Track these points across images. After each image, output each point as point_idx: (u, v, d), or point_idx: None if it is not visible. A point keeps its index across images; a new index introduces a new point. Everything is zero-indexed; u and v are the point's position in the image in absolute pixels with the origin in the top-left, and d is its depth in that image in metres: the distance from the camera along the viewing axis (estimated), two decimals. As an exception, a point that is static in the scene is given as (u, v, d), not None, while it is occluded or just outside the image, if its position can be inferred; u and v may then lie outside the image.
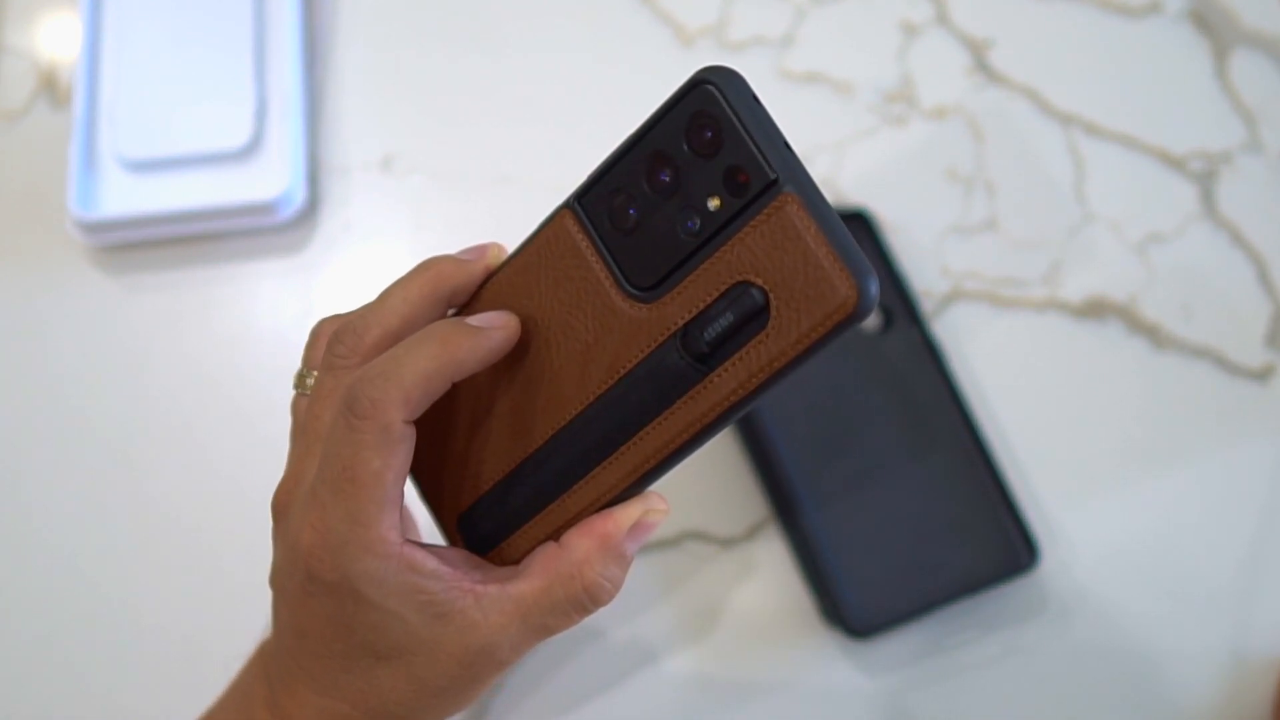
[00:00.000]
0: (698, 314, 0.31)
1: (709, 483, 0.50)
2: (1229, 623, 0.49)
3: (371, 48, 0.56)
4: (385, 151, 0.55)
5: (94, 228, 0.51)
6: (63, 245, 0.53)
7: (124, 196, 0.52)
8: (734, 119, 0.30)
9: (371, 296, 0.53)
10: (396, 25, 0.57)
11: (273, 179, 0.53)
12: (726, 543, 0.49)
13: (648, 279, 0.31)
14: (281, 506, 0.34)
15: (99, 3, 0.55)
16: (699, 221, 0.31)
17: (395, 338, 0.33)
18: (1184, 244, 0.54)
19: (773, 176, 0.29)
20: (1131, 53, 0.57)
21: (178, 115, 0.53)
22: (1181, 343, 0.52)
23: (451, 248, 0.53)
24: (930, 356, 0.50)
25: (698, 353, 0.31)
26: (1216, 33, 0.57)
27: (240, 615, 0.48)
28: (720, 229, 0.30)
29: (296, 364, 0.51)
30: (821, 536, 0.47)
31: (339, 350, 0.34)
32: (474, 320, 0.33)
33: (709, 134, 0.30)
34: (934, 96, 0.56)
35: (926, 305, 0.52)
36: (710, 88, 0.30)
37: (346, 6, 0.57)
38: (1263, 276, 0.53)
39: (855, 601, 0.46)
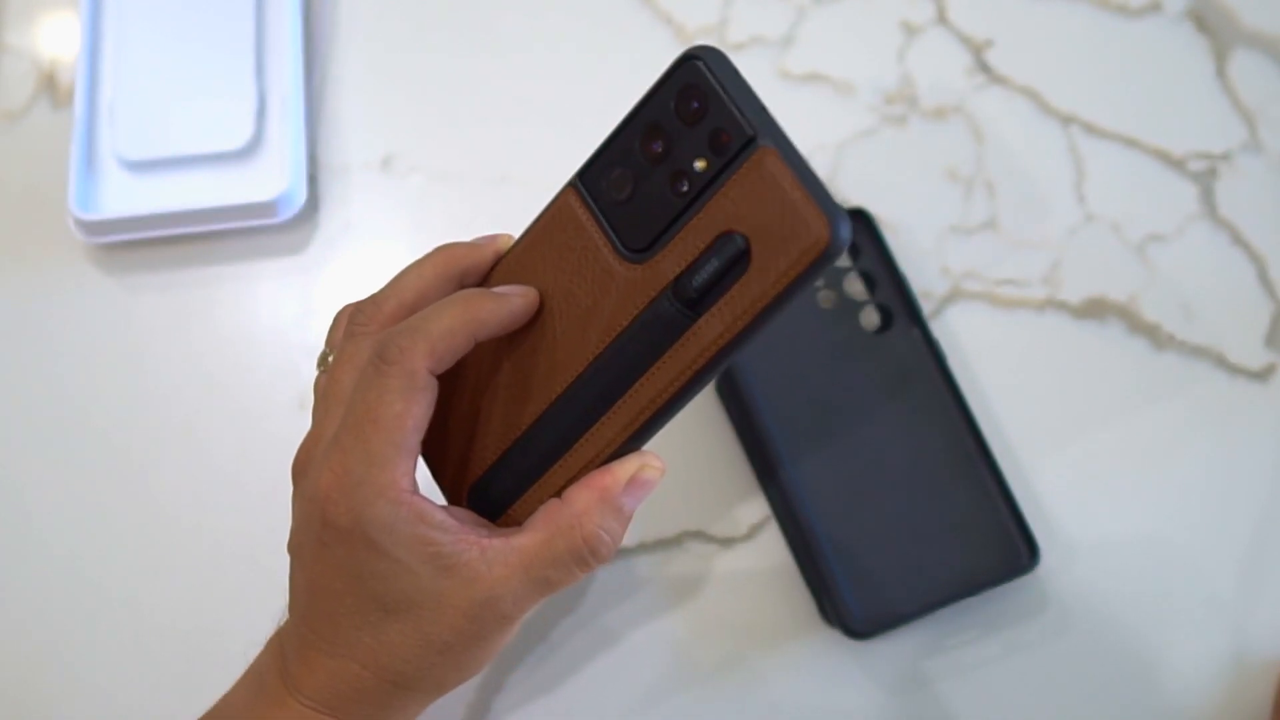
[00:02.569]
0: (687, 266, 0.33)
1: (709, 483, 0.50)
2: (1229, 623, 0.49)
3: (371, 47, 0.56)
4: (385, 151, 0.55)
5: (94, 227, 0.51)
6: (63, 245, 0.53)
7: (124, 196, 0.52)
8: (716, 86, 0.32)
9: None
10: (396, 25, 0.57)
11: (273, 179, 0.53)
12: (726, 543, 0.49)
13: (642, 241, 0.34)
14: (301, 466, 0.36)
15: (99, 3, 0.55)
16: (687, 183, 0.33)
17: (410, 309, 0.36)
18: (1184, 244, 0.54)
19: (750, 133, 0.32)
20: (1131, 53, 0.57)
21: (178, 115, 0.53)
22: (1181, 343, 0.52)
23: (451, 248, 0.54)
24: (930, 356, 0.50)
25: (687, 300, 0.32)
26: (1216, 33, 0.57)
27: (241, 613, 0.48)
28: (705, 187, 0.33)
29: (296, 363, 0.52)
30: (821, 536, 0.47)
31: (359, 319, 0.36)
32: (496, 289, 0.35)
33: (695, 104, 0.33)
34: (934, 96, 0.56)
35: (926, 305, 0.52)
36: (697, 62, 0.33)
37: (346, 6, 0.57)
38: (1263, 276, 0.53)
39: (855, 601, 0.46)
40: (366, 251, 0.54)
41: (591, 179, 0.35)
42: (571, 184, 0.35)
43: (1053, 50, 0.57)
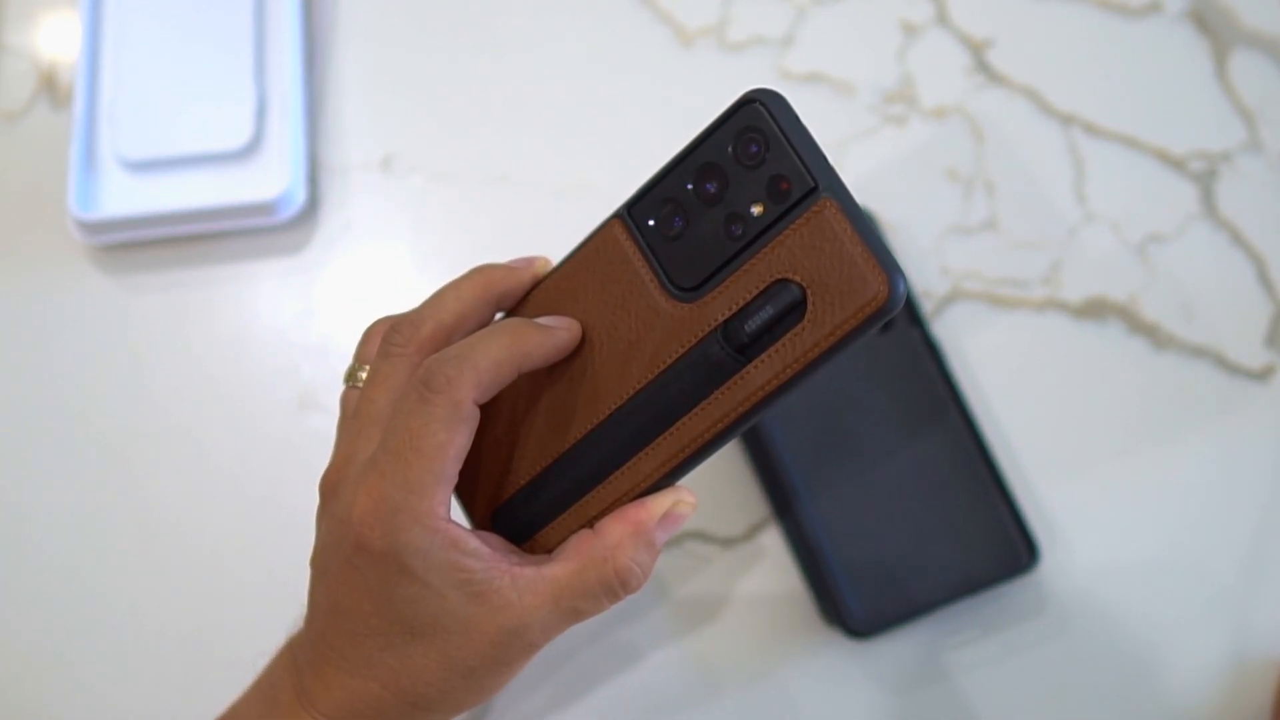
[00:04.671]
0: (739, 309, 0.33)
1: (709, 483, 0.50)
2: (1229, 623, 0.49)
3: (371, 47, 0.56)
4: (385, 151, 0.55)
5: (94, 228, 0.51)
6: (63, 245, 0.53)
7: (124, 196, 0.52)
8: (779, 133, 0.32)
9: (372, 296, 0.53)
10: (396, 25, 0.57)
11: (273, 179, 0.53)
12: (726, 543, 0.49)
13: (691, 280, 0.34)
14: (331, 486, 0.35)
15: (99, 3, 0.55)
16: (742, 227, 0.33)
17: (449, 331, 0.35)
18: (1184, 244, 0.54)
19: (813, 184, 0.32)
20: (1131, 53, 0.57)
21: (178, 115, 0.53)
22: (1181, 343, 0.52)
23: (451, 248, 0.54)
24: (930, 357, 0.50)
25: (738, 344, 0.33)
26: (1216, 33, 0.57)
27: (241, 615, 0.48)
28: (762, 233, 0.33)
29: (296, 363, 0.52)
30: (821, 536, 0.47)
31: (395, 340, 0.35)
32: (541, 321, 0.35)
33: (755, 147, 0.33)
34: (934, 96, 0.56)
35: (926, 305, 0.52)
36: (758, 106, 0.33)
37: (346, 6, 0.57)
38: (1263, 276, 0.53)
39: (855, 601, 0.46)
40: (366, 251, 0.54)
41: (640, 213, 0.35)
42: (618, 215, 0.35)
43: (1053, 50, 0.57)
